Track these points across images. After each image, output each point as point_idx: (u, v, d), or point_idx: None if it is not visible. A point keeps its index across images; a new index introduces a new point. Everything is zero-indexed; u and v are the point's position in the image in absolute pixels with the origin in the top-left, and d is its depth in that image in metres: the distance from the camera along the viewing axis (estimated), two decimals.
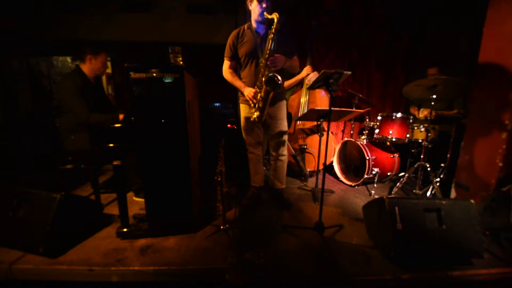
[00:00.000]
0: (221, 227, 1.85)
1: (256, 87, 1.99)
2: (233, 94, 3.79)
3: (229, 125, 3.29)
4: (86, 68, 2.19)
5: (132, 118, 1.64)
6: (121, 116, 2.18)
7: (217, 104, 3.51)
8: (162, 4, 3.49)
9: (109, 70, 4.00)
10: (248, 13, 2.06)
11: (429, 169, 2.42)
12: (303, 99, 3.06)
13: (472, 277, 1.49)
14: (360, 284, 1.45)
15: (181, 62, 1.66)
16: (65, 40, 3.50)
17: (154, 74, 1.55)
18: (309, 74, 2.95)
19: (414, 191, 2.45)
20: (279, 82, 1.81)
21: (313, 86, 1.92)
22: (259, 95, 1.96)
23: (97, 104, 2.20)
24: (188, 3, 3.51)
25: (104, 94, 2.46)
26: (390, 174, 2.80)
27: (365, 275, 1.46)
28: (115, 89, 4.07)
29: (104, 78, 4.54)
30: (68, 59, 3.94)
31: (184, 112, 1.63)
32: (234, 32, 2.08)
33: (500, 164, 1.98)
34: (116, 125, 1.67)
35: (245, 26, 2.06)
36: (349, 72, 1.75)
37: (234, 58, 2.12)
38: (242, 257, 1.56)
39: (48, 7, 3.38)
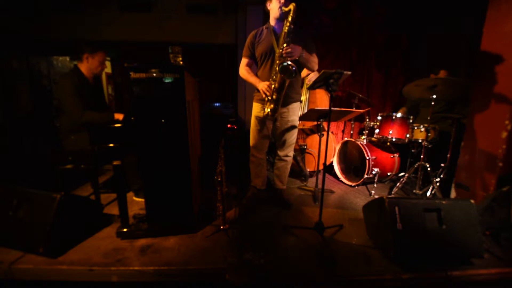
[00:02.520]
0: (221, 227, 1.84)
1: (270, 79, 1.98)
2: (233, 94, 3.80)
3: (229, 125, 3.30)
4: (83, 67, 2.19)
5: (132, 118, 1.64)
6: (120, 116, 2.18)
7: (217, 104, 3.52)
8: (162, 4, 3.49)
9: (109, 70, 4.01)
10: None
11: (429, 169, 2.42)
12: (303, 98, 3.07)
13: (472, 277, 1.49)
14: (360, 284, 1.45)
15: (181, 62, 1.66)
16: (65, 40, 3.50)
17: (154, 74, 1.55)
18: (309, 74, 2.95)
19: (414, 191, 2.45)
20: (294, 69, 1.78)
21: (313, 86, 1.92)
22: (272, 86, 1.95)
23: (95, 103, 2.20)
24: (188, 3, 3.51)
25: (102, 94, 2.46)
26: (390, 174, 2.80)
27: (365, 275, 1.46)
28: (115, 89, 4.07)
29: (104, 78, 4.54)
30: (68, 59, 3.94)
31: (184, 112, 1.63)
32: (252, 32, 2.11)
33: (500, 164, 1.98)
34: (116, 125, 1.67)
35: (264, 26, 2.09)
36: (349, 72, 1.75)
37: (251, 57, 2.15)
38: (242, 257, 1.56)
39: (48, 7, 3.38)
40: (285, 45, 1.85)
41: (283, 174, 2.33)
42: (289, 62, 1.78)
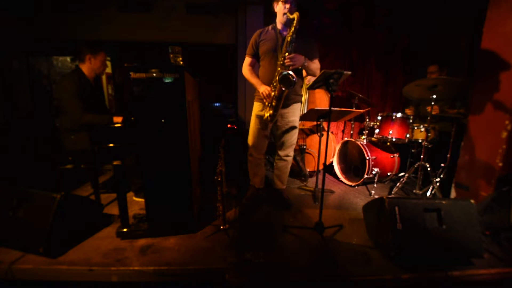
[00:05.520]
0: (221, 227, 1.85)
1: (271, 85, 1.99)
2: (233, 94, 3.80)
3: (229, 125, 3.29)
4: (85, 68, 2.19)
5: (132, 118, 1.64)
6: (119, 119, 2.18)
7: (217, 104, 3.51)
8: (162, 4, 3.49)
9: (109, 70, 4.00)
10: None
11: (429, 169, 2.42)
12: (303, 97, 3.07)
13: (472, 277, 1.49)
14: (360, 284, 1.45)
15: (181, 62, 1.66)
16: (65, 40, 3.50)
17: (154, 74, 1.55)
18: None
19: (414, 191, 2.45)
20: (294, 79, 1.78)
21: (313, 86, 1.92)
22: (273, 93, 1.96)
23: (94, 104, 2.20)
24: (188, 3, 3.51)
25: (102, 95, 2.46)
26: (390, 174, 2.80)
27: (365, 275, 1.46)
28: (115, 89, 4.07)
29: (104, 78, 4.53)
30: (68, 59, 3.94)
31: (184, 112, 1.63)
32: (257, 31, 2.11)
33: (500, 164, 1.98)
34: (116, 125, 1.67)
35: (270, 26, 2.09)
36: (349, 72, 1.75)
37: (254, 56, 2.14)
38: (242, 257, 1.56)
39: (48, 7, 3.37)
40: (287, 54, 1.85)
41: (283, 174, 2.33)
42: (289, 72, 1.78)
